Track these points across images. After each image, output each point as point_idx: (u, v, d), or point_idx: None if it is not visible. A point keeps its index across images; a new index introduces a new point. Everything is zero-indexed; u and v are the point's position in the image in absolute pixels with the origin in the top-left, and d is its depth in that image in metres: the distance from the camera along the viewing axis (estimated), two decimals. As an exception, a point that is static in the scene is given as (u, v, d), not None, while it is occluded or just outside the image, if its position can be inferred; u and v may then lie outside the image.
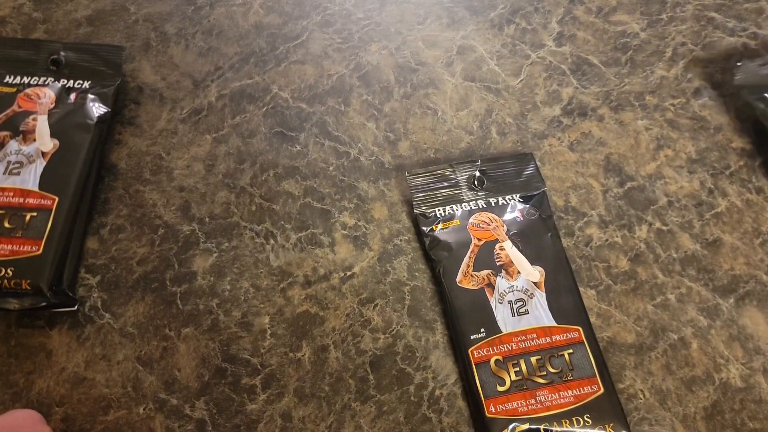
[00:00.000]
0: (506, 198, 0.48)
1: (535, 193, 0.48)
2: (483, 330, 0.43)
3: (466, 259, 0.45)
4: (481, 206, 0.48)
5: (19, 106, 0.48)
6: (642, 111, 0.54)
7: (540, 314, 0.44)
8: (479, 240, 0.46)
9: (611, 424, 0.40)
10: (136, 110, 0.53)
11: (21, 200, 0.45)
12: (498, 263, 0.45)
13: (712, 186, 0.51)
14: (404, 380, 0.43)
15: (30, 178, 0.45)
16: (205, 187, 0.50)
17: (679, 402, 0.43)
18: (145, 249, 0.47)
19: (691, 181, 0.51)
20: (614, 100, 0.55)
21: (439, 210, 0.48)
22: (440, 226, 0.47)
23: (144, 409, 0.42)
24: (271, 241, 0.48)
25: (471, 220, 0.47)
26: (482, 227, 0.47)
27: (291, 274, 0.47)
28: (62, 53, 0.51)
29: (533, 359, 0.42)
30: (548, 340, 0.43)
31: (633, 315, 0.46)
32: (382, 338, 0.45)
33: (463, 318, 0.44)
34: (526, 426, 0.40)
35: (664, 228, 0.49)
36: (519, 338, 0.43)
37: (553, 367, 0.42)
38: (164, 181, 0.50)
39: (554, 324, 0.43)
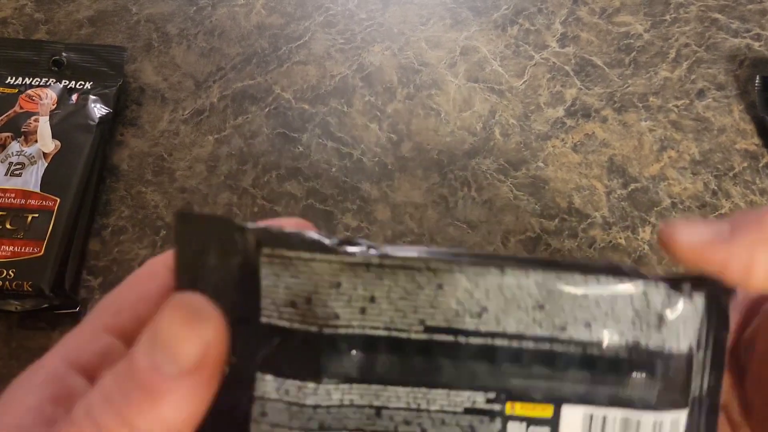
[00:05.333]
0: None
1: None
2: None
3: None
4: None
5: (21, 107, 0.48)
6: (646, 112, 0.54)
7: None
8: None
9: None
10: (137, 111, 0.53)
11: (22, 201, 0.44)
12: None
13: (716, 187, 0.51)
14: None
15: (31, 180, 0.45)
16: (207, 188, 0.50)
17: (683, 405, 0.43)
18: (147, 251, 0.47)
19: (694, 183, 0.51)
20: (618, 102, 0.55)
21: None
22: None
23: (146, 412, 0.42)
24: (274, 243, 0.48)
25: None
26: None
27: (293, 276, 0.46)
28: (64, 54, 0.51)
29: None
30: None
31: (637, 317, 0.46)
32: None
33: None
34: None
35: (668, 230, 0.49)
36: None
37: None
38: (166, 183, 0.50)
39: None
